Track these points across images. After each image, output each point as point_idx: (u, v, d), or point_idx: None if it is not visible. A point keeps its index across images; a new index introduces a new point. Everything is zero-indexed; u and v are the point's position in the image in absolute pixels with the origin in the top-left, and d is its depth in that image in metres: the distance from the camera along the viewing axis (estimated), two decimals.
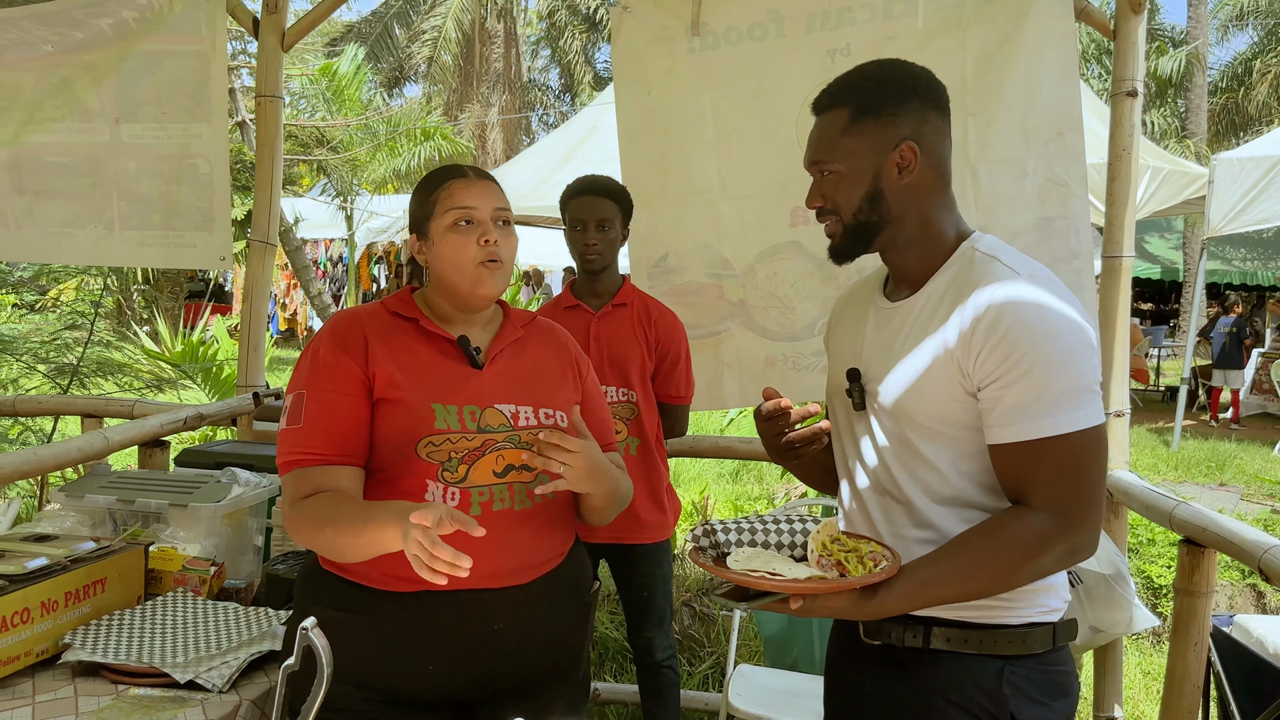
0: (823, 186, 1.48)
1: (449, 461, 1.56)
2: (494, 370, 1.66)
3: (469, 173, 1.68)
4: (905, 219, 1.46)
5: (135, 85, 3.54)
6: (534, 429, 1.61)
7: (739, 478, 7.21)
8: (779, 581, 1.22)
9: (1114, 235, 2.87)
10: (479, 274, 1.61)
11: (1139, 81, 2.84)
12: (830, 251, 1.51)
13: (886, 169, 1.43)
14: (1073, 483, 1.31)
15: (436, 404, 1.57)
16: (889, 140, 1.43)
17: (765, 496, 6.54)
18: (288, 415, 1.59)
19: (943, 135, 1.47)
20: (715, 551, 1.35)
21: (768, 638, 3.34)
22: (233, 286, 17.63)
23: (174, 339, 7.98)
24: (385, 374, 1.58)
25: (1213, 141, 19.48)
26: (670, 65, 3.13)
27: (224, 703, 1.70)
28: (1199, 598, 2.33)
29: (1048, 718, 1.39)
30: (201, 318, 10.26)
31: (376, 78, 24.34)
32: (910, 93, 1.45)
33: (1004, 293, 1.34)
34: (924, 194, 1.46)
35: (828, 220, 1.49)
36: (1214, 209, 7.86)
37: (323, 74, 12.08)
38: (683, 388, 2.78)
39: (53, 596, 1.83)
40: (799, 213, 3.09)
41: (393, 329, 1.65)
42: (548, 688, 1.70)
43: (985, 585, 1.34)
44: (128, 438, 2.71)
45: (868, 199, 1.44)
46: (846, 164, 1.44)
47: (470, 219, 1.62)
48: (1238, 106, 20.96)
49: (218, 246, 3.61)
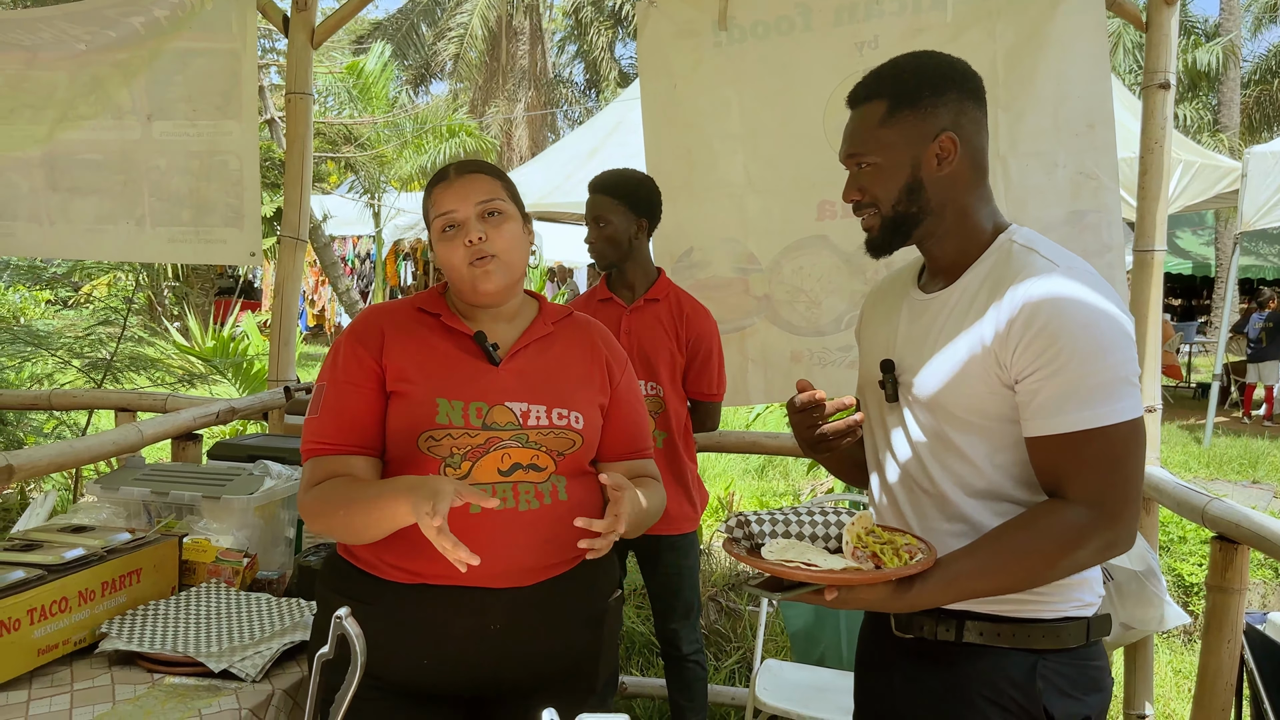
0: (860, 179, 1.47)
1: (451, 457, 1.56)
2: (511, 367, 1.64)
3: (451, 173, 1.66)
4: (944, 210, 1.45)
5: (166, 83, 3.59)
6: (544, 429, 1.60)
7: (764, 473, 7.20)
8: (815, 572, 1.22)
9: (1145, 229, 2.84)
10: (472, 275, 1.60)
11: (1171, 74, 2.81)
12: (868, 245, 1.50)
13: (926, 160, 1.43)
14: (1111, 475, 1.30)
15: (441, 399, 1.57)
16: (928, 131, 1.42)
17: (790, 492, 6.53)
18: (309, 406, 1.64)
19: (980, 126, 1.46)
20: (749, 543, 1.35)
21: (794, 633, 3.33)
22: (261, 283, 17.78)
23: (204, 335, 8.08)
24: (397, 367, 1.60)
25: (1245, 135, 19.20)
26: (696, 59, 3.13)
27: (258, 692, 1.72)
28: (1232, 595, 2.31)
29: (1081, 713, 1.38)
30: (231, 314, 10.38)
31: (403, 75, 24.48)
32: (948, 83, 1.44)
33: (1043, 285, 1.33)
34: (962, 185, 1.45)
35: (865, 213, 1.48)
36: (1247, 203, 7.77)
37: (349, 71, 12.16)
38: (714, 385, 2.77)
39: (90, 586, 1.85)
40: (825, 206, 3.08)
41: (414, 324, 1.66)
42: (557, 694, 1.63)
43: (1021, 579, 1.33)
44: (161, 431, 2.74)
45: (907, 191, 1.43)
46: (884, 156, 1.44)
47: (452, 223, 1.62)
48: (1271, 99, 20.63)
49: (247, 243, 3.65)
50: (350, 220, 15.51)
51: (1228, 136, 18.06)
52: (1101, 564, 1.39)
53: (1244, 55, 21.04)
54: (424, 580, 1.55)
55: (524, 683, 1.63)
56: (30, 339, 4.95)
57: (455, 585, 1.53)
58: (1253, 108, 20.54)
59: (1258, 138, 19.27)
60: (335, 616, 1.24)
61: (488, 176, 1.66)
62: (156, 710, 1.64)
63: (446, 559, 1.39)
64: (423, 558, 1.51)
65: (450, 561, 1.39)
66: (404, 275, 18.11)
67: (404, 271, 18.46)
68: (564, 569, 1.62)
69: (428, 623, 1.55)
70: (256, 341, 7.83)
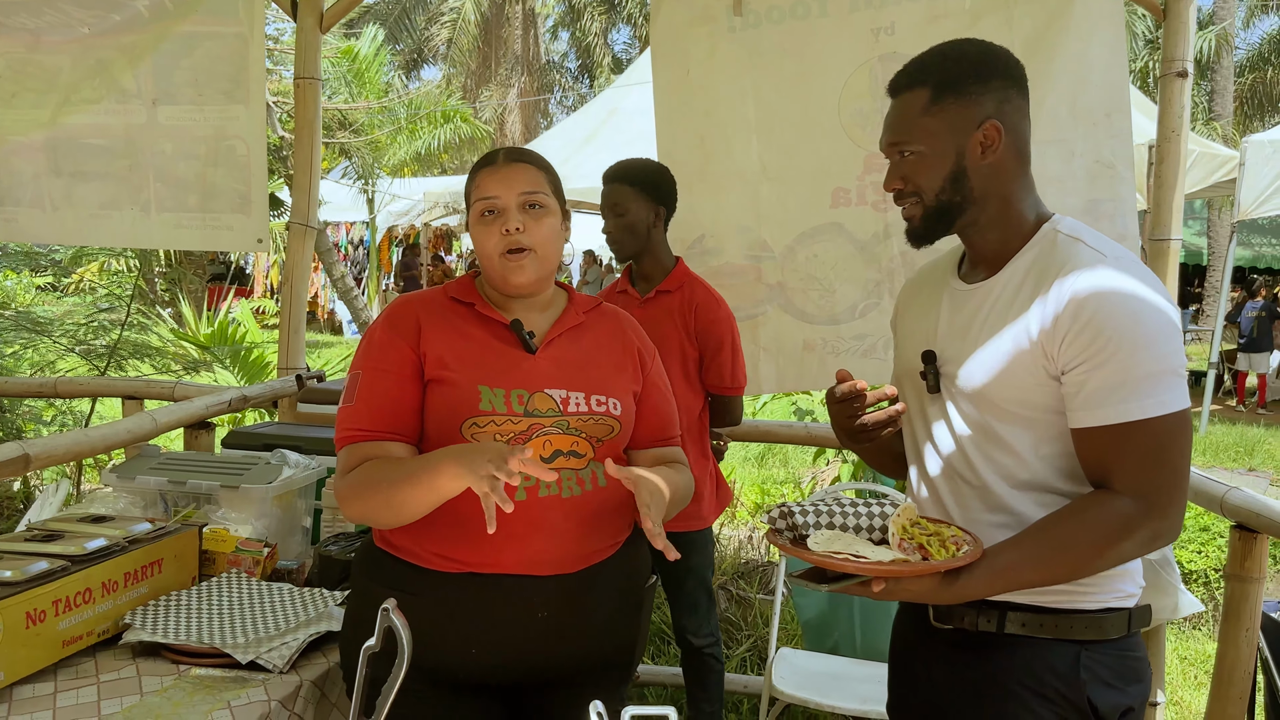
0: (902, 168, 1.46)
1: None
2: (548, 355, 1.64)
3: (500, 158, 1.66)
4: (987, 200, 1.44)
5: (172, 67, 3.55)
6: (584, 415, 1.60)
7: (764, 461, 7.21)
8: (865, 564, 1.22)
9: (1161, 218, 2.84)
10: (504, 265, 1.61)
11: (1189, 62, 2.80)
12: (909, 234, 1.49)
13: (970, 148, 1.42)
14: (1157, 466, 1.30)
15: (484, 386, 1.56)
16: (972, 119, 1.41)
17: (791, 480, 6.54)
18: (344, 394, 1.63)
19: (1024, 115, 1.45)
20: (792, 534, 1.35)
21: (806, 621, 3.34)
22: (253, 269, 17.70)
23: (198, 322, 8.05)
24: (435, 355, 1.59)
25: (1239, 123, 19.25)
26: (712, 46, 3.11)
27: (285, 683, 1.71)
28: (1251, 583, 2.31)
29: (1124, 703, 1.38)
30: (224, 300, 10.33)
31: (395, 60, 24.31)
32: (992, 71, 1.43)
33: (1090, 276, 1.32)
34: (1006, 174, 1.44)
35: (906, 203, 1.47)
36: (1244, 191, 7.78)
37: (344, 56, 12.07)
38: (728, 377, 2.73)
39: (113, 577, 1.84)
40: (840, 194, 3.07)
41: (448, 312, 1.66)
42: (595, 680, 1.66)
43: (1067, 570, 1.33)
44: (175, 419, 2.72)
45: (951, 179, 1.42)
46: (928, 144, 1.42)
47: (493, 209, 1.61)
48: (1265, 88, 20.68)
49: (255, 229, 3.62)
50: (344, 206, 15.45)
51: (1221, 125, 18.09)
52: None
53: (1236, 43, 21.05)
54: (470, 569, 1.55)
55: (567, 669, 1.63)
56: (31, 326, 4.90)
57: (501, 574, 1.53)
58: (1246, 96, 20.58)
59: (1251, 126, 19.31)
60: (382, 609, 1.23)
61: (534, 168, 1.65)
62: (185, 702, 1.63)
63: (491, 547, 1.42)
64: (468, 546, 1.52)
65: (494, 550, 1.43)
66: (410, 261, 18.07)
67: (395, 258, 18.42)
68: (605, 555, 1.63)
69: (476, 611, 1.54)
70: (253, 329, 7.80)
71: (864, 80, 3.01)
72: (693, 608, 2.81)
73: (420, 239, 18.19)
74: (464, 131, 15.11)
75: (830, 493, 2.96)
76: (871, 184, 3.03)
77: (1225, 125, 18.10)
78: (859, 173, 3.03)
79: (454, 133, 14.94)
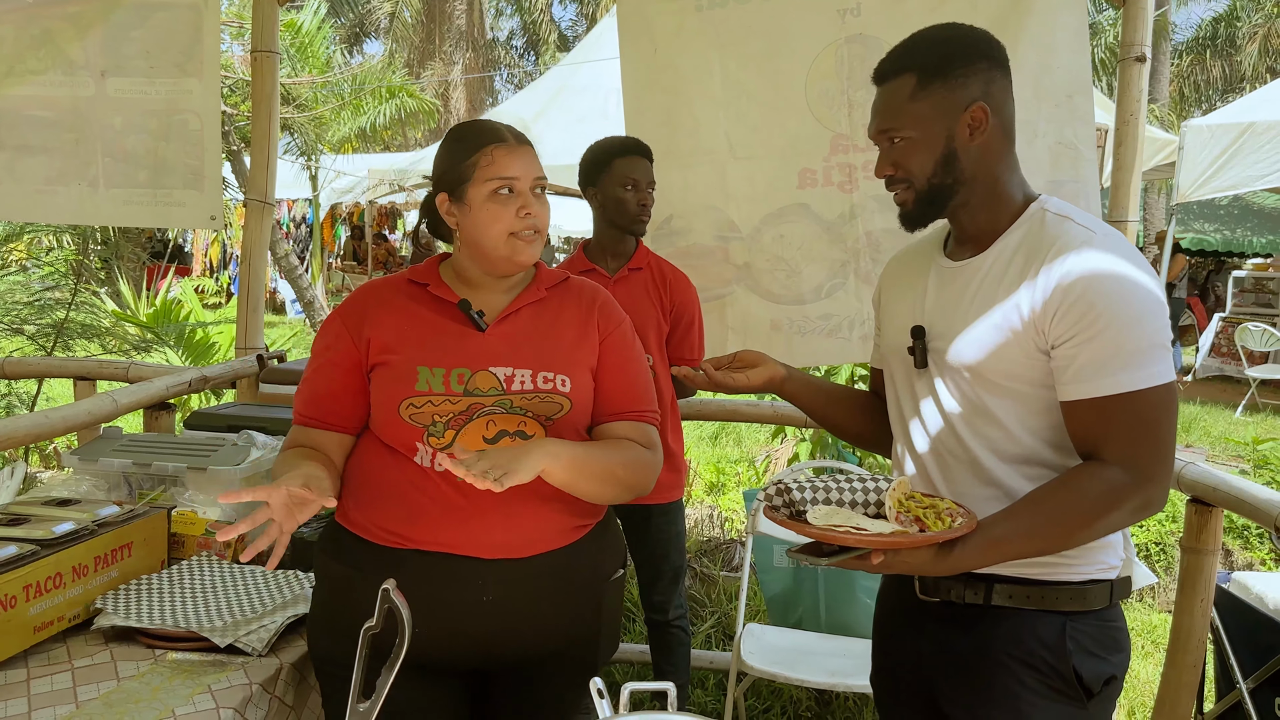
0: (893, 155, 1.47)
1: (433, 425, 1.55)
2: (499, 332, 1.63)
3: (509, 137, 1.63)
4: (976, 181, 1.46)
5: (123, 38, 3.43)
6: (529, 394, 1.58)
7: (718, 440, 7.25)
8: (865, 537, 1.24)
9: (1120, 200, 2.90)
10: (514, 245, 1.60)
11: (1148, 47, 2.86)
12: (902, 219, 1.51)
13: (959, 131, 1.43)
14: (1146, 437, 1.33)
15: (422, 366, 1.57)
16: (959, 102, 1.43)
17: (745, 459, 6.58)
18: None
19: (1008, 95, 1.47)
20: (789, 510, 1.36)
21: (771, 597, 3.38)
22: (192, 247, 17.28)
23: (138, 302, 7.84)
24: (380, 340, 1.62)
25: (1176, 108, 19.72)
26: (679, 23, 3.09)
27: (265, 666, 1.69)
28: (1206, 555, 2.38)
29: (1108, 672, 1.42)
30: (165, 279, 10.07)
31: (336, 34, 23.82)
32: (977, 53, 1.45)
33: (1081, 253, 1.36)
34: (994, 155, 1.46)
35: (897, 188, 1.49)
36: (1183, 175, 7.96)
37: (287, 30, 11.79)
38: (696, 351, 2.77)
39: (83, 561, 1.80)
40: (807, 174, 3.09)
41: (401, 296, 1.67)
42: (556, 671, 1.66)
43: (1060, 540, 1.36)
44: (135, 400, 2.65)
45: (941, 162, 1.44)
46: (917, 129, 1.44)
47: (512, 188, 1.60)
48: (1202, 72, 21.22)
49: (208, 205, 3.53)
50: (286, 183, 15.10)
51: (1158, 108, 18.50)
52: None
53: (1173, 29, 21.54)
54: (414, 545, 1.55)
55: (520, 658, 1.62)
56: None
57: (447, 553, 1.53)
58: (1183, 81, 21.08)
59: (1189, 111, 19.79)
60: (382, 589, 1.22)
61: (535, 153, 1.66)
62: (165, 686, 1.60)
63: (436, 526, 1.51)
64: (410, 522, 1.55)
65: (440, 529, 1.50)
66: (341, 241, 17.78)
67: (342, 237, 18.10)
68: (562, 543, 1.60)
69: (419, 589, 1.48)
70: (197, 308, 7.63)
71: (830, 61, 3.02)
72: (675, 577, 2.83)
73: (365, 217, 17.92)
74: (410, 106, 14.87)
75: (798, 469, 2.99)
76: (838, 165, 3.05)
77: (1162, 108, 18.52)
78: (825, 153, 3.05)
79: (400, 109, 14.70)
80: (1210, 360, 11.90)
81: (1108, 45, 18.55)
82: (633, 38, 3.16)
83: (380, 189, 13.29)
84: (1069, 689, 1.41)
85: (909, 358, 1.54)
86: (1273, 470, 5.84)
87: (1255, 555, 5.20)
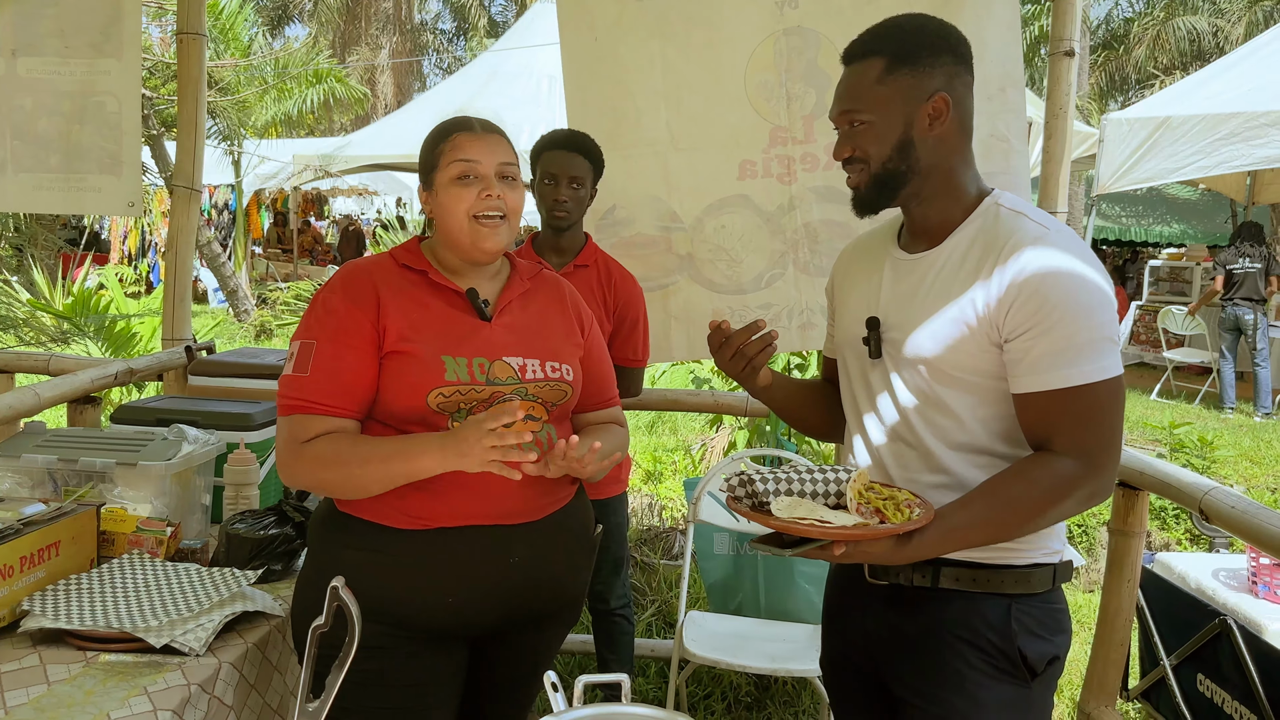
0: (853, 137, 1.48)
1: (459, 413, 1.61)
2: (502, 323, 1.69)
3: (476, 126, 1.70)
4: (932, 172, 1.48)
5: (35, 15, 3.29)
6: (540, 381, 1.67)
7: (654, 429, 7.27)
8: (829, 529, 1.26)
9: (1049, 191, 2.97)
10: (476, 229, 1.64)
11: (1076, 42, 2.92)
12: (854, 202, 1.52)
13: (919, 119, 1.45)
14: (1096, 428, 1.37)
15: (446, 356, 1.61)
16: (923, 90, 1.44)
17: (681, 448, 6.62)
18: (295, 361, 1.62)
19: (969, 91, 1.49)
20: (752, 501, 1.37)
21: (711, 585, 3.40)
22: (110, 234, 16.72)
23: (53, 291, 7.56)
24: (396, 328, 1.61)
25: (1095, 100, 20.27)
26: (619, 12, 3.06)
27: (204, 666, 1.65)
28: (1132, 538, 2.46)
29: (1051, 652, 1.46)
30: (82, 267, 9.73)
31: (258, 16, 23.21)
32: (945, 46, 1.47)
33: (1035, 249, 1.38)
34: (950, 147, 1.48)
35: (853, 169, 1.49)
36: (1104, 167, 8.17)
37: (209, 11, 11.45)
38: (639, 351, 2.77)
39: (8, 562, 1.72)
40: (747, 166, 3.09)
41: (403, 282, 1.68)
42: (556, 619, 1.79)
43: (1013, 528, 1.39)
44: (58, 394, 2.55)
45: (898, 148, 1.46)
46: (879, 113, 1.45)
47: (473, 173, 1.64)
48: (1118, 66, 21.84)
49: (126, 191, 3.41)
50: (208, 169, 14.66)
51: (1080, 98, 19.00)
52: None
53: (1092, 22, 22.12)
54: (441, 524, 1.59)
55: (533, 611, 1.70)
56: None
57: (474, 525, 1.60)
58: (1100, 74, 21.67)
59: (1106, 104, 20.37)
60: (331, 587, 1.19)
61: (506, 141, 1.72)
62: (98, 690, 1.55)
63: (460, 503, 1.55)
64: (437, 503, 1.58)
65: (466, 505, 1.57)
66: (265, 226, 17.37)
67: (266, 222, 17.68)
68: (563, 504, 1.74)
69: (451, 563, 1.59)
70: (119, 298, 7.39)
71: (769, 53, 3.03)
72: (616, 567, 2.84)
73: (290, 203, 17.53)
74: (339, 92, 14.57)
75: (738, 458, 3.01)
76: (777, 157, 3.06)
77: (1082, 97, 19.01)
78: (764, 145, 3.06)
79: (327, 94, 14.40)
80: (1130, 348, 12.30)
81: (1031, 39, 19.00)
82: (573, 26, 3.12)
83: (305, 174, 13.03)
84: (1014, 669, 1.44)
85: (863, 348, 1.55)
86: (1188, 453, 6.05)
87: (1172, 535, 5.40)
